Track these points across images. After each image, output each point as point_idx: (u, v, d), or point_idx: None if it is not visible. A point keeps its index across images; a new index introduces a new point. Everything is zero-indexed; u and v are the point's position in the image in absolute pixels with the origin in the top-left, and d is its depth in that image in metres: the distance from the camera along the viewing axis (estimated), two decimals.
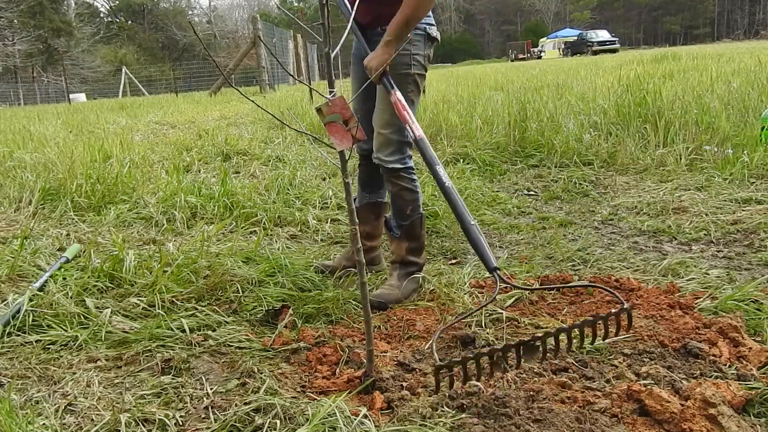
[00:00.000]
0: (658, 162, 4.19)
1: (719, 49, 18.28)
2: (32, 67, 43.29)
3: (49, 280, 2.43)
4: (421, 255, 2.37)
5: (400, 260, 2.32)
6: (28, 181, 4.18)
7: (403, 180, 2.26)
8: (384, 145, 2.23)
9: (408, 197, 2.28)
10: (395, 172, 2.25)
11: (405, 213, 2.30)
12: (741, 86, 5.87)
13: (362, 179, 2.51)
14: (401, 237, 2.32)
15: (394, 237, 2.34)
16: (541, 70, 15.37)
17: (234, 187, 3.81)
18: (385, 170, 2.25)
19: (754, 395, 1.43)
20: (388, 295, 2.19)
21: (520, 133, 5.01)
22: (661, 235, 2.86)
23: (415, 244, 2.33)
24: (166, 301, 2.25)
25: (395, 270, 2.31)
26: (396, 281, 2.26)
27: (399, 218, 2.32)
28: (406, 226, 2.30)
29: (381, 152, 2.24)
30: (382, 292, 2.21)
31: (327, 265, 2.52)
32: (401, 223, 2.32)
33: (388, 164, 2.23)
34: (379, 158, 2.24)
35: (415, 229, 2.31)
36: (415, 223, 2.31)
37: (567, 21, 71.00)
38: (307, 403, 1.50)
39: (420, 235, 2.34)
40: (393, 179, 2.26)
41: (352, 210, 1.52)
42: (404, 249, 2.31)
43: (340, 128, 1.41)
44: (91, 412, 1.55)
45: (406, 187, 2.27)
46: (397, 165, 2.24)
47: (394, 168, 2.24)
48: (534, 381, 1.57)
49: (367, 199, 2.50)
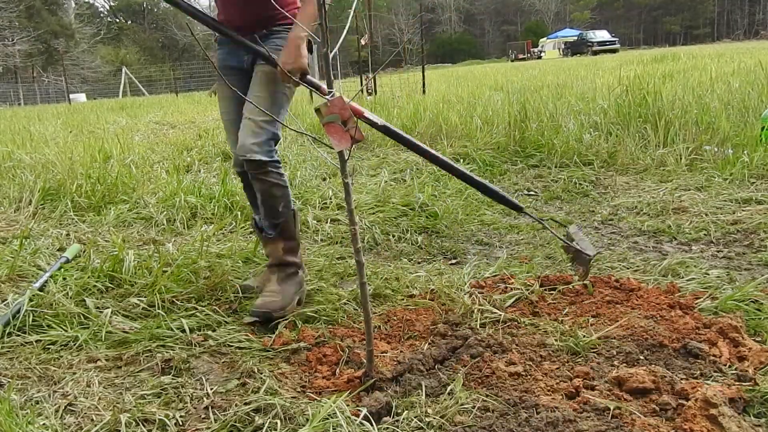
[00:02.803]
0: (658, 162, 4.19)
1: (719, 50, 18.28)
2: (32, 67, 43.30)
3: (49, 280, 2.43)
4: (298, 254, 2.24)
5: (277, 262, 2.18)
6: (28, 181, 4.18)
7: (271, 175, 2.11)
8: (254, 133, 2.05)
9: (278, 193, 2.15)
10: (263, 166, 2.07)
11: (277, 211, 2.16)
12: (741, 86, 5.87)
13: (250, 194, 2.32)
14: (276, 237, 2.18)
15: (268, 238, 2.19)
16: (541, 70, 15.38)
17: (234, 187, 3.81)
18: (252, 165, 2.06)
19: (754, 395, 1.43)
20: (271, 303, 2.03)
21: (520, 133, 5.01)
22: (661, 235, 2.86)
23: (291, 243, 2.21)
24: (166, 301, 2.25)
25: (273, 274, 2.17)
26: (276, 286, 2.12)
27: (271, 217, 2.18)
28: (280, 225, 2.17)
29: (247, 142, 2.04)
30: (264, 301, 2.04)
31: (250, 286, 2.32)
32: (274, 222, 2.18)
33: (254, 155, 2.04)
34: (244, 148, 2.04)
35: (289, 226, 2.20)
36: (288, 220, 2.19)
37: (567, 21, 71.00)
38: (308, 404, 1.50)
39: (294, 232, 2.23)
40: (261, 175, 2.09)
41: (352, 210, 1.52)
42: (281, 249, 2.18)
43: (339, 128, 1.41)
44: (91, 412, 1.55)
45: (275, 183, 2.13)
46: (264, 157, 2.06)
47: (260, 161, 2.05)
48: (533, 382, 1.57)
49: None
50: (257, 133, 2.05)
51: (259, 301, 2.06)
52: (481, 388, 1.54)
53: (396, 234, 3.12)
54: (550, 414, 1.37)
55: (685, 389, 1.44)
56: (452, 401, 1.48)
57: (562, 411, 1.38)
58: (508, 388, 1.54)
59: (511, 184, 4.18)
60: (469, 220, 3.32)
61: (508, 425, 1.37)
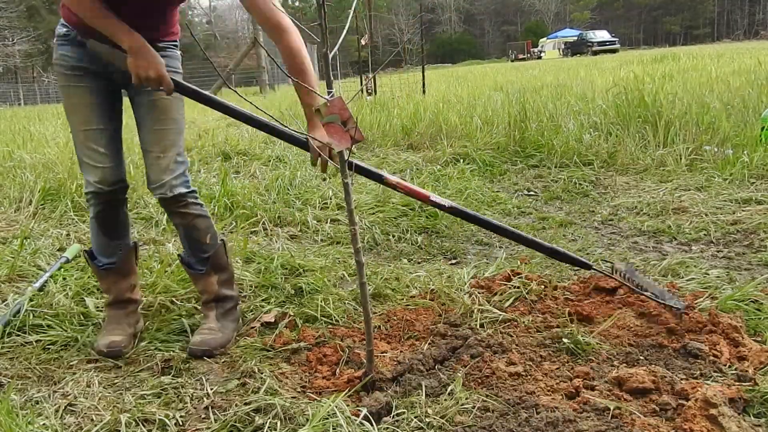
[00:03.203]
0: (658, 162, 4.19)
1: (719, 50, 18.28)
2: (32, 67, 43.29)
3: (49, 280, 2.43)
4: (233, 285, 2.11)
5: (214, 298, 2.02)
6: (28, 181, 4.18)
7: (192, 207, 1.95)
8: (170, 169, 1.89)
9: (203, 225, 1.98)
10: (182, 199, 1.92)
11: (204, 243, 1.99)
12: (741, 86, 5.87)
13: (111, 226, 2.00)
14: (208, 272, 2.01)
15: (199, 274, 2.01)
16: (541, 70, 15.39)
17: (234, 187, 3.81)
18: (171, 200, 1.91)
19: (754, 395, 1.43)
20: (212, 340, 1.90)
21: (520, 134, 5.01)
22: (661, 236, 2.86)
23: (225, 275, 2.06)
24: (166, 300, 2.25)
25: (211, 310, 2.01)
26: (215, 323, 1.97)
27: (198, 252, 2.00)
28: (211, 258, 2.00)
29: (164, 179, 1.88)
30: (204, 338, 1.90)
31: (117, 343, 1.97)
32: (203, 257, 2.01)
33: (174, 190, 1.89)
34: (161, 186, 1.89)
35: (220, 258, 2.04)
36: (219, 251, 2.02)
37: (567, 21, 71.00)
38: (308, 404, 1.50)
39: (227, 263, 2.08)
40: (180, 209, 1.93)
41: (352, 210, 1.52)
42: (215, 283, 2.02)
43: (339, 129, 1.41)
44: (91, 412, 1.55)
45: (198, 215, 1.97)
46: (183, 189, 1.92)
47: (180, 194, 1.91)
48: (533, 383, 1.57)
49: (123, 247, 2.04)
50: (172, 170, 1.90)
51: (197, 338, 1.90)
52: (481, 388, 1.54)
53: (396, 234, 3.13)
54: (550, 414, 1.37)
55: (685, 389, 1.44)
56: (452, 401, 1.48)
57: (562, 411, 1.38)
58: (508, 388, 1.54)
59: (511, 184, 4.18)
60: None
61: (508, 425, 1.37)
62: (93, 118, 1.88)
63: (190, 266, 2.03)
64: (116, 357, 1.87)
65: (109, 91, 1.91)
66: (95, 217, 1.97)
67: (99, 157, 1.88)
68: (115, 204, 1.99)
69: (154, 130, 1.90)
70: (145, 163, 1.94)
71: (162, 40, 1.93)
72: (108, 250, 2.01)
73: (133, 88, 1.91)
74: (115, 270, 2.01)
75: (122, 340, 1.91)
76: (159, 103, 1.90)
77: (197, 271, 2.02)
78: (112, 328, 1.95)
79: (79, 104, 1.88)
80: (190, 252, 2.02)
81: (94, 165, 1.88)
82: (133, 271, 2.08)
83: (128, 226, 2.09)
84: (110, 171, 1.90)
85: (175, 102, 1.93)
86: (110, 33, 1.73)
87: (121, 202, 2.02)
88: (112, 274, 2.01)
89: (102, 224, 1.99)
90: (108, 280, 2.01)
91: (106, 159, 1.89)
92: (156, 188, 1.90)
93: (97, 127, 1.89)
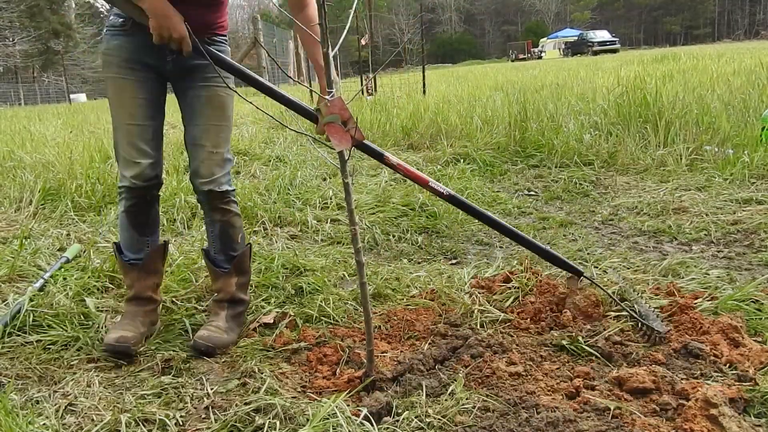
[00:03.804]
0: (658, 162, 4.19)
1: (719, 50, 18.28)
2: (32, 67, 43.31)
3: (50, 280, 2.43)
4: (247, 290, 2.13)
5: (229, 298, 2.03)
6: (28, 181, 4.18)
7: (232, 205, 2.01)
8: (220, 166, 1.95)
9: (238, 224, 2.04)
10: (228, 196, 1.98)
11: (236, 242, 2.04)
12: (741, 86, 5.87)
13: (140, 221, 1.99)
14: (230, 272, 2.03)
15: (222, 273, 2.03)
16: (542, 70, 15.39)
17: (234, 187, 3.81)
18: (217, 196, 1.95)
19: (754, 395, 1.43)
20: (218, 339, 1.89)
21: (520, 134, 5.01)
22: (661, 235, 2.86)
23: (245, 279, 2.09)
24: (167, 301, 2.25)
25: (222, 310, 2.01)
26: (224, 323, 1.97)
27: (229, 250, 2.03)
28: (236, 258, 2.04)
29: (216, 174, 1.93)
30: (210, 335, 1.90)
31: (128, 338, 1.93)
32: (231, 255, 2.04)
33: (221, 187, 1.95)
34: (212, 181, 1.93)
35: (245, 260, 2.08)
36: (245, 253, 2.07)
37: (567, 21, 71.00)
38: (308, 404, 1.50)
39: (249, 267, 2.12)
40: (223, 205, 1.98)
41: (352, 210, 1.52)
42: (234, 285, 2.04)
43: (339, 128, 1.41)
44: (91, 412, 1.55)
45: (236, 213, 2.03)
46: (230, 186, 1.99)
47: (227, 190, 1.98)
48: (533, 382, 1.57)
49: (150, 244, 2.04)
50: (224, 166, 1.96)
51: (203, 333, 1.90)
52: (481, 388, 1.54)
53: (396, 234, 3.12)
54: (551, 414, 1.37)
55: (686, 389, 1.44)
56: (452, 401, 1.48)
57: (562, 411, 1.38)
58: (509, 388, 1.54)
59: (512, 184, 4.18)
60: (469, 220, 3.32)
61: (509, 425, 1.37)
62: (140, 113, 1.89)
63: (215, 263, 2.04)
64: (123, 352, 1.84)
65: (158, 84, 1.93)
66: (126, 211, 1.96)
67: (138, 154, 1.88)
68: (149, 200, 1.99)
69: (211, 125, 1.93)
70: (195, 157, 1.95)
71: (218, 33, 1.98)
72: (136, 246, 2.01)
73: (186, 82, 1.94)
74: (140, 266, 2.01)
75: (132, 336, 1.88)
76: (216, 99, 1.94)
77: (221, 269, 2.03)
78: (125, 323, 1.95)
79: (127, 98, 1.87)
80: (220, 249, 2.03)
81: (133, 160, 1.88)
82: (159, 271, 2.08)
83: (158, 223, 2.08)
84: (149, 167, 1.91)
85: (230, 100, 1.98)
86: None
87: (154, 198, 2.02)
88: (138, 270, 2.01)
89: (132, 219, 1.98)
90: (132, 275, 2.01)
91: (146, 155, 1.90)
92: (207, 182, 1.92)
93: (143, 123, 1.89)
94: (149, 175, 1.91)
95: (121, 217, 1.99)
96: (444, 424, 1.40)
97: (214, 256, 2.05)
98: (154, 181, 1.95)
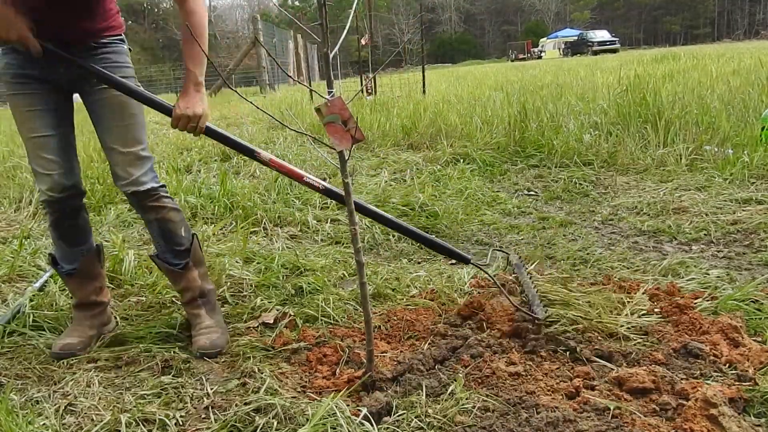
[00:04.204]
0: (658, 162, 4.19)
1: (719, 49, 18.28)
2: None
3: (49, 280, 2.43)
4: (208, 278, 2.10)
5: (198, 293, 2.01)
6: (27, 181, 4.18)
7: (164, 200, 1.94)
8: (136, 164, 1.89)
9: (177, 217, 1.97)
10: (154, 193, 1.92)
11: (180, 236, 1.98)
12: (741, 86, 5.87)
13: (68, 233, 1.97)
14: (189, 267, 1.99)
15: (179, 271, 1.98)
16: (542, 70, 15.39)
17: (234, 187, 3.81)
18: (143, 195, 1.90)
19: (754, 395, 1.43)
20: (218, 339, 1.90)
21: (520, 133, 5.01)
22: (661, 235, 2.86)
23: (203, 269, 2.06)
24: (167, 301, 2.25)
25: (200, 308, 1.99)
26: (210, 320, 1.97)
27: (175, 245, 1.98)
28: (189, 250, 2.00)
29: (134, 174, 1.88)
30: (212, 340, 1.90)
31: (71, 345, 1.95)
32: (180, 250, 1.99)
33: (145, 186, 1.89)
34: (132, 182, 1.88)
35: (197, 250, 2.04)
36: (195, 244, 2.02)
37: (567, 21, 71.00)
38: (308, 403, 1.50)
39: (203, 257, 2.08)
40: (153, 203, 1.92)
41: (352, 210, 1.52)
42: (198, 278, 2.01)
43: (339, 128, 1.41)
44: (91, 412, 1.55)
45: (171, 207, 1.96)
46: (155, 184, 1.92)
47: (152, 188, 1.91)
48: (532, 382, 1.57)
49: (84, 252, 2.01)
50: (140, 165, 1.90)
51: (203, 341, 1.89)
52: (481, 388, 1.54)
53: (396, 234, 3.12)
54: (551, 414, 1.37)
55: (685, 389, 1.44)
56: (452, 401, 1.48)
57: (562, 411, 1.38)
58: (508, 388, 1.54)
59: (512, 184, 4.18)
60: (469, 220, 3.32)
61: (509, 425, 1.37)
62: (39, 125, 1.85)
63: (167, 262, 1.99)
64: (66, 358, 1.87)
65: (56, 95, 1.88)
66: (51, 225, 1.95)
67: (47, 164, 1.85)
68: (71, 211, 1.95)
69: (115, 126, 1.89)
70: (111, 162, 1.92)
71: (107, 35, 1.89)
72: (69, 257, 1.99)
73: (84, 88, 1.90)
74: (78, 275, 2.00)
75: (78, 342, 1.92)
76: (114, 99, 1.88)
77: (175, 267, 1.98)
78: (71, 331, 1.98)
79: (25, 112, 1.85)
80: (166, 247, 1.98)
81: (43, 172, 1.86)
82: (99, 275, 2.07)
83: (88, 231, 2.04)
84: (60, 177, 1.87)
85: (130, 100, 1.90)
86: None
87: (77, 209, 1.97)
88: (76, 278, 2.01)
89: (59, 232, 1.96)
90: (72, 284, 2.02)
91: (54, 166, 1.86)
92: (127, 184, 1.88)
93: (44, 134, 1.85)
94: (64, 185, 1.88)
95: (50, 230, 1.98)
96: (444, 424, 1.40)
97: (164, 257, 2.00)
98: (72, 191, 1.91)
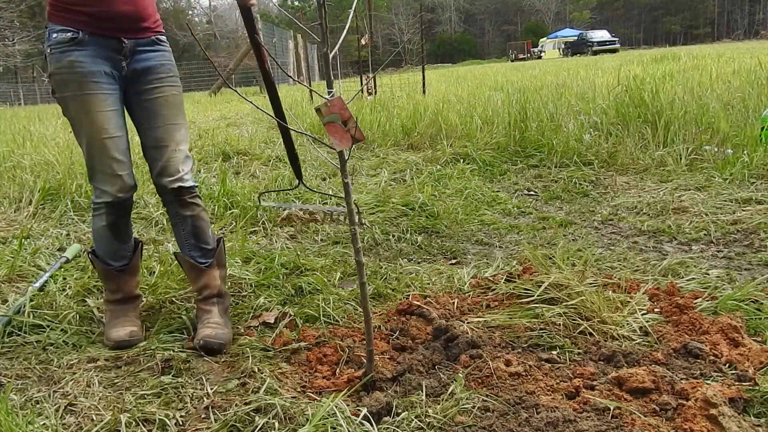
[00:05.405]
0: (658, 162, 4.19)
1: (719, 49, 18.28)
2: (32, 67, 43.29)
3: (49, 280, 2.43)
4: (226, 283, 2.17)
5: (217, 293, 2.04)
6: (27, 181, 4.18)
7: (199, 200, 2.03)
8: (186, 162, 1.98)
9: (207, 218, 2.06)
10: (194, 191, 2.00)
11: (209, 236, 2.05)
12: (741, 86, 5.87)
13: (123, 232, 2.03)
14: (212, 265, 2.04)
15: (204, 269, 2.02)
16: (541, 70, 15.38)
17: (234, 187, 3.81)
18: (185, 192, 1.96)
19: (754, 395, 1.43)
20: (223, 335, 1.91)
21: (520, 133, 5.01)
22: (661, 235, 2.86)
23: (224, 272, 2.12)
24: (166, 301, 2.25)
25: (213, 306, 2.01)
26: (220, 318, 1.99)
27: (204, 243, 2.03)
28: (215, 251, 2.06)
29: (182, 171, 1.95)
30: (217, 332, 1.90)
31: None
32: (207, 249, 2.04)
33: (189, 182, 1.97)
34: (180, 179, 1.95)
35: (222, 253, 2.11)
36: (221, 246, 2.09)
37: (567, 21, 70.98)
38: (308, 403, 1.50)
39: (225, 261, 2.15)
40: (191, 200, 1.99)
41: (352, 210, 1.52)
42: (218, 278, 2.05)
43: (339, 128, 1.41)
44: (91, 412, 1.55)
45: (204, 208, 2.05)
46: (195, 183, 2.01)
47: (193, 186, 2.00)
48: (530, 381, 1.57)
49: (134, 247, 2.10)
50: (188, 162, 1.99)
51: (209, 331, 1.90)
52: (481, 388, 1.54)
53: (396, 234, 3.12)
54: (550, 414, 1.37)
55: (685, 389, 1.44)
56: (452, 401, 1.48)
57: (562, 411, 1.38)
58: (508, 388, 1.54)
59: (512, 183, 4.18)
60: (469, 220, 3.32)
61: (508, 425, 1.37)
62: (112, 125, 1.86)
63: (196, 261, 2.03)
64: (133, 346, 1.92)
65: (120, 93, 1.92)
66: (109, 225, 1.96)
67: (119, 166, 1.88)
68: (128, 211, 2.02)
69: (170, 125, 1.95)
70: (158, 158, 1.96)
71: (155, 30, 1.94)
72: (120, 254, 2.04)
73: (141, 86, 1.93)
74: (128, 270, 2.06)
75: (138, 330, 1.97)
76: (172, 98, 1.96)
77: (202, 265, 2.02)
78: (124, 321, 1.99)
79: (96, 113, 1.83)
80: (196, 245, 2.03)
81: (114, 174, 1.88)
82: (140, 268, 2.15)
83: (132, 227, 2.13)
84: (128, 178, 1.93)
85: (182, 97, 2.03)
86: None
87: (131, 207, 2.04)
88: (126, 274, 2.06)
89: (116, 232, 1.99)
90: (121, 280, 2.05)
91: (124, 167, 1.91)
92: (175, 180, 1.94)
93: (116, 135, 1.87)
94: (130, 185, 1.94)
95: (102, 231, 1.99)
96: (444, 424, 1.40)
97: (190, 254, 2.03)
98: (134, 190, 1.98)
